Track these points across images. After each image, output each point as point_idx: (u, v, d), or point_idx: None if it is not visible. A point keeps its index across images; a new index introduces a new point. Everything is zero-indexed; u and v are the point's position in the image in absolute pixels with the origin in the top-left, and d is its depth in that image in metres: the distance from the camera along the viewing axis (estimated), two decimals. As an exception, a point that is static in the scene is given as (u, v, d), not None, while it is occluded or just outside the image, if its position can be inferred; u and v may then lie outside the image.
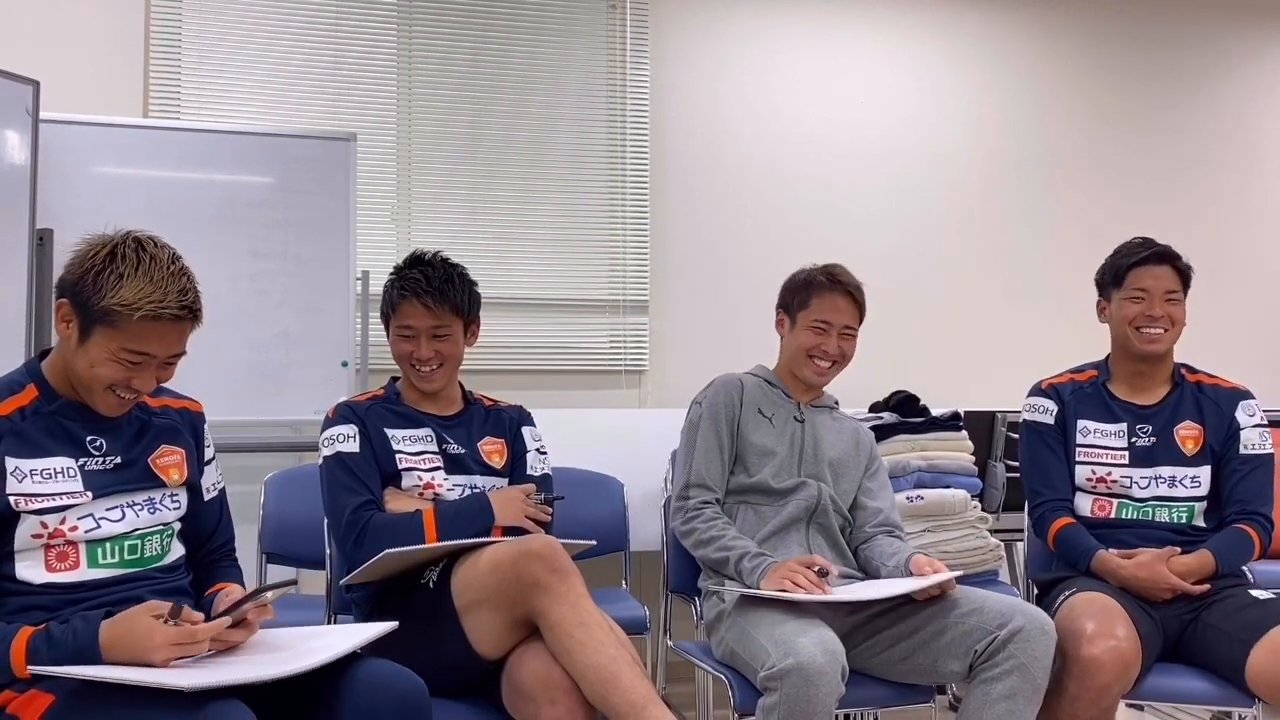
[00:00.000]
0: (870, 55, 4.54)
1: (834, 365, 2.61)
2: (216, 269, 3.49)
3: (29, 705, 1.64)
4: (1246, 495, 2.52)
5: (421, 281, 2.35)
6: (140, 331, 1.75)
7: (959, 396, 3.75)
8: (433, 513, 2.26)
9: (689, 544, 2.52)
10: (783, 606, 2.24)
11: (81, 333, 1.77)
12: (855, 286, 2.61)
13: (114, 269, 1.74)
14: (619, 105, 4.23)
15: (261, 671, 1.62)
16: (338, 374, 3.62)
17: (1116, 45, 4.85)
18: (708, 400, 2.61)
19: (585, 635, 1.92)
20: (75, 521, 1.77)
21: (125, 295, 1.72)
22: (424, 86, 4.06)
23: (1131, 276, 2.59)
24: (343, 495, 2.28)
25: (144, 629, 1.64)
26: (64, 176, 3.33)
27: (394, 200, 4.01)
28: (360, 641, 1.80)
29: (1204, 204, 4.91)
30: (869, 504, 2.61)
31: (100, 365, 1.77)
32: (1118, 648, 2.22)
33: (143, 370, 1.79)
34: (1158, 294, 2.56)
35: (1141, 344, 2.58)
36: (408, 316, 2.36)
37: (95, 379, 1.78)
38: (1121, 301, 2.61)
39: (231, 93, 3.83)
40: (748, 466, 2.56)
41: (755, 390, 2.64)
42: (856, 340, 2.63)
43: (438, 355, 2.37)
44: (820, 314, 2.58)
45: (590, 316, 4.20)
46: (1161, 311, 2.55)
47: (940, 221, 4.58)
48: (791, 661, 2.06)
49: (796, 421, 2.61)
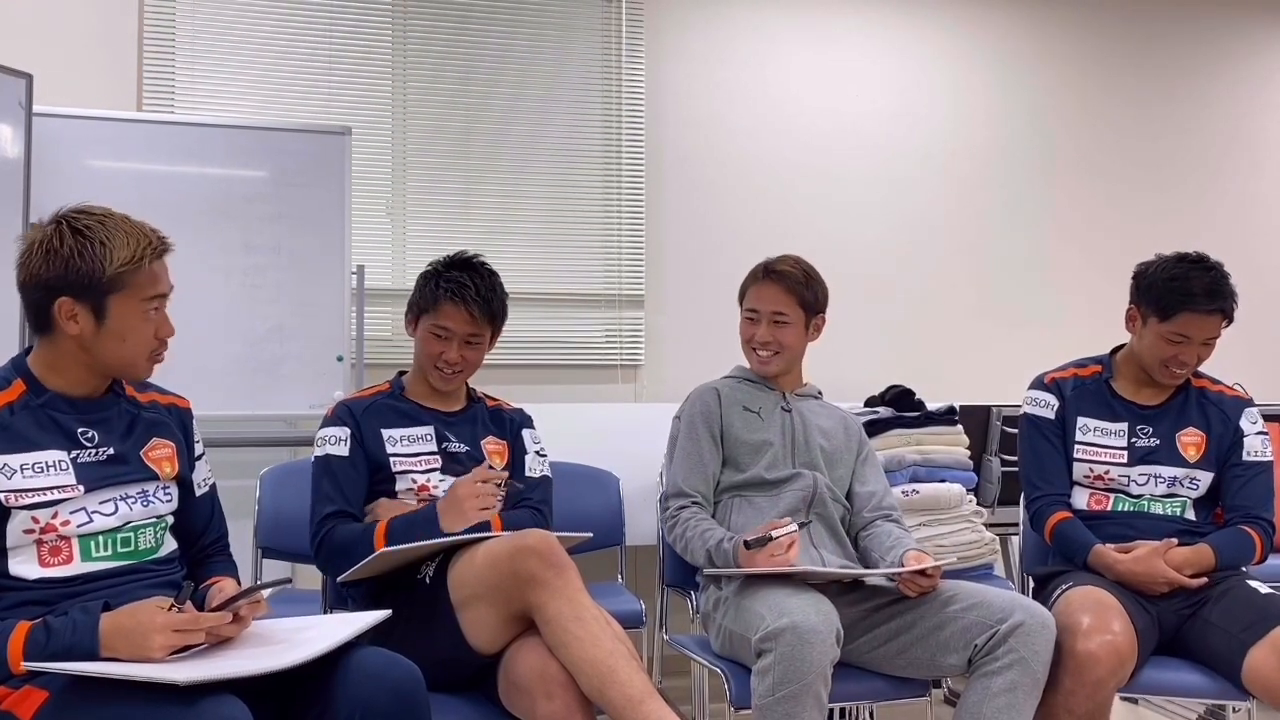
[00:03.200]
0: (866, 48, 4.54)
1: (774, 354, 2.61)
2: (211, 263, 3.49)
3: (24, 701, 1.63)
4: (1249, 500, 2.53)
5: (470, 289, 2.34)
6: (148, 277, 1.80)
7: (954, 391, 3.75)
8: (384, 527, 2.23)
9: (679, 550, 2.53)
10: (778, 581, 2.25)
11: (96, 315, 1.77)
12: (786, 273, 2.59)
13: (88, 243, 1.75)
14: (614, 99, 4.23)
15: (256, 665, 1.61)
16: (332, 368, 3.62)
17: (1113, 40, 4.85)
18: (685, 412, 2.63)
19: (582, 630, 1.92)
20: (67, 516, 1.76)
21: (121, 255, 1.75)
22: (419, 80, 4.05)
23: (1181, 319, 2.47)
24: (318, 501, 2.32)
25: (147, 614, 1.64)
26: (57, 170, 3.32)
27: (389, 194, 4.00)
28: (354, 631, 1.79)
29: (1201, 196, 4.92)
30: (862, 489, 2.61)
31: (132, 333, 1.79)
32: (1113, 642, 2.22)
33: (161, 314, 1.84)
34: (1198, 340, 2.50)
35: (1163, 378, 2.56)
36: (447, 318, 2.36)
37: (134, 351, 1.81)
38: (1160, 332, 2.50)
39: (226, 86, 3.82)
40: (739, 463, 2.56)
41: (735, 391, 2.65)
42: (799, 327, 2.60)
43: (464, 360, 2.39)
44: (749, 303, 2.63)
45: (586, 311, 4.20)
46: (1195, 359, 2.53)
47: (936, 215, 4.58)
48: (786, 621, 2.08)
49: (784, 411, 2.62)
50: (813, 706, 2.06)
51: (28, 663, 1.61)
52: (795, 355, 2.65)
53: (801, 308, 2.60)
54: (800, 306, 2.60)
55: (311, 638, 1.74)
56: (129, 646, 1.63)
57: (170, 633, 1.63)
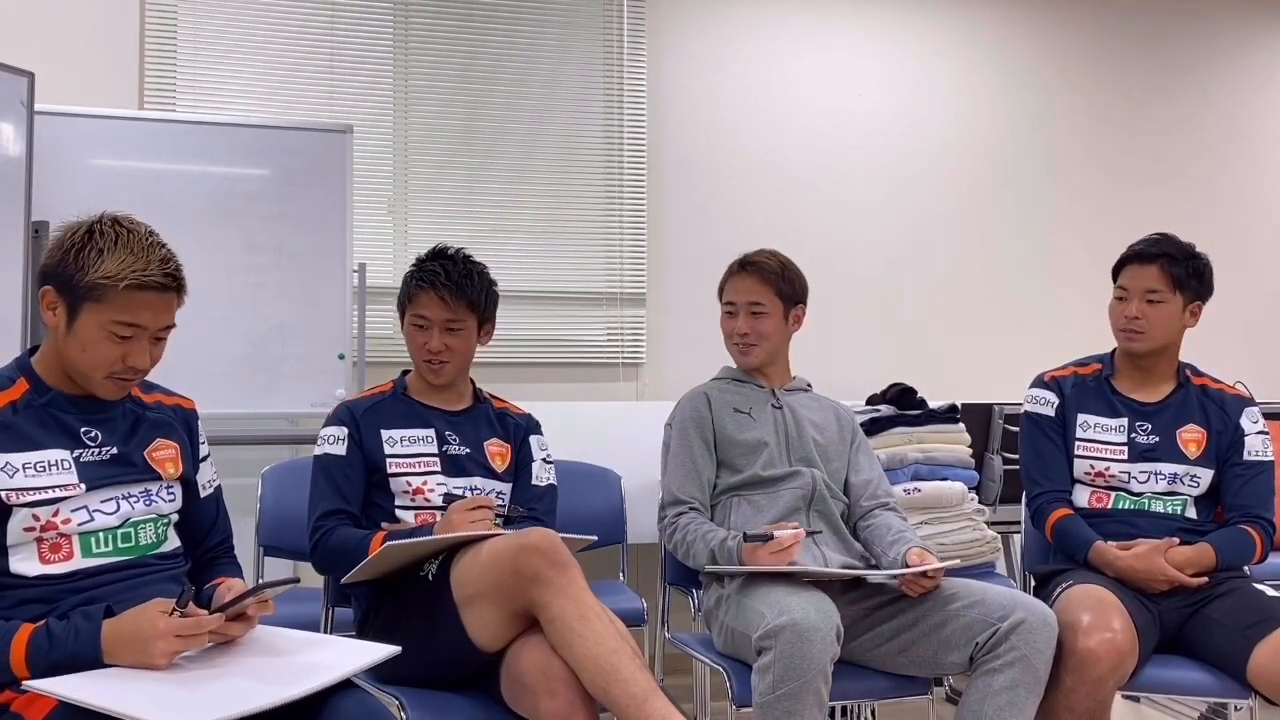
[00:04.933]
0: (867, 48, 4.54)
1: (754, 346, 2.62)
2: (212, 262, 3.49)
3: (32, 705, 1.61)
4: (1249, 500, 2.53)
5: (440, 274, 2.37)
6: (127, 302, 1.74)
7: (956, 389, 3.75)
8: (382, 537, 2.22)
9: (680, 556, 2.51)
10: (780, 579, 2.25)
11: (69, 315, 1.76)
12: (761, 264, 2.61)
13: (93, 245, 1.74)
14: (616, 97, 4.23)
15: (257, 700, 1.54)
16: (334, 367, 3.62)
17: (1115, 39, 4.85)
18: (675, 419, 2.63)
19: (585, 628, 1.92)
20: (68, 514, 1.76)
21: (108, 268, 1.72)
22: (421, 78, 4.05)
23: (1123, 274, 2.60)
24: (316, 500, 2.33)
25: (149, 620, 1.63)
26: (59, 169, 3.32)
27: (390, 192, 4.00)
28: (361, 666, 1.72)
29: (1203, 194, 4.92)
30: (857, 479, 2.62)
31: (92, 345, 1.75)
32: (1113, 640, 2.22)
33: (135, 345, 1.77)
34: (1137, 294, 2.55)
35: (1120, 342, 2.60)
36: (423, 307, 2.39)
37: (91, 363, 1.76)
38: (1113, 299, 2.62)
39: (227, 85, 3.82)
40: (735, 464, 2.55)
41: (724, 393, 2.65)
42: (778, 318, 2.61)
43: (449, 349, 2.39)
44: (727, 296, 2.66)
45: (587, 309, 4.20)
46: (1138, 312, 2.54)
47: (938, 214, 4.58)
48: (786, 619, 2.08)
49: (775, 408, 2.62)
50: (813, 704, 2.07)
51: (31, 681, 1.59)
52: (776, 346, 2.65)
53: (779, 298, 2.61)
54: (778, 296, 2.61)
55: (315, 663, 1.69)
56: (132, 653, 1.62)
57: (173, 638, 1.62)
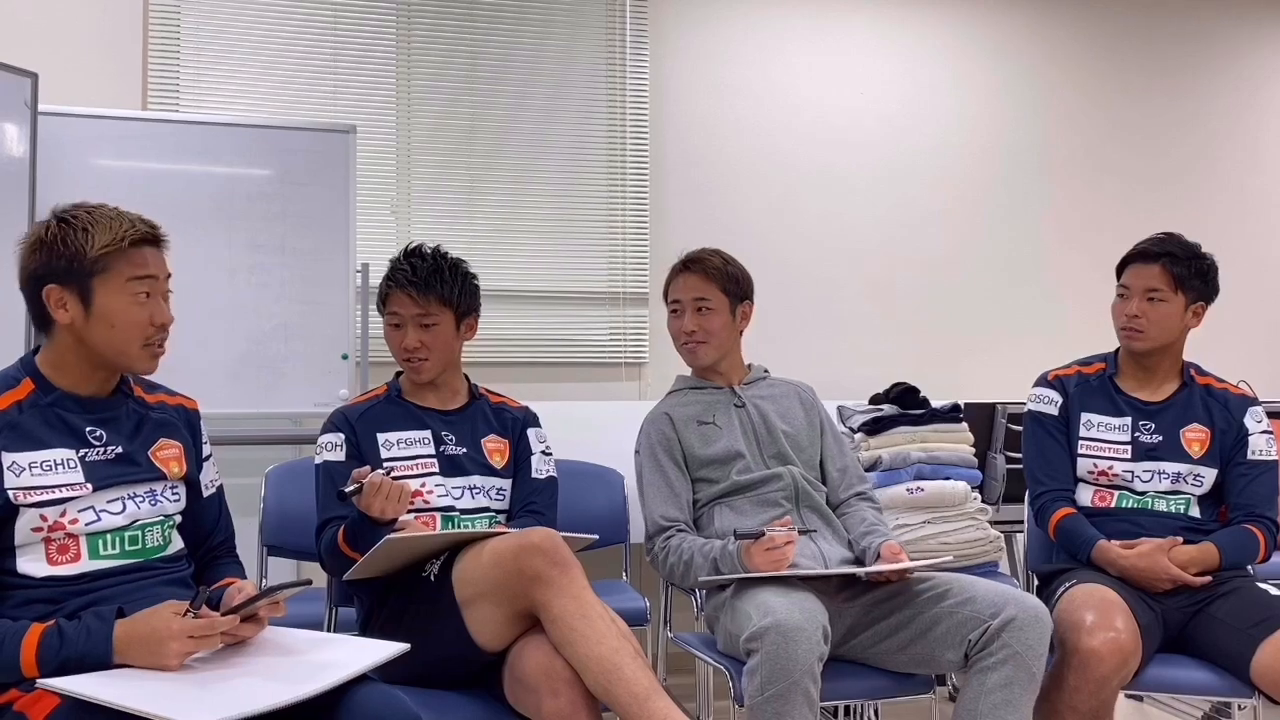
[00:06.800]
0: (869, 47, 4.54)
1: (703, 344, 2.61)
2: (215, 261, 3.49)
3: (36, 704, 1.62)
4: (1252, 499, 2.54)
5: (408, 272, 2.38)
6: (133, 259, 1.80)
7: (959, 388, 3.75)
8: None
9: (678, 577, 2.48)
10: (772, 581, 2.25)
11: (83, 301, 1.77)
12: (704, 260, 2.61)
13: (72, 230, 1.77)
14: (619, 96, 4.23)
15: (272, 697, 1.56)
16: (337, 366, 3.62)
17: (1115, 37, 4.84)
18: (642, 445, 2.62)
19: (587, 627, 1.92)
20: (75, 514, 1.76)
21: (101, 238, 1.77)
22: (423, 78, 4.05)
23: (1125, 273, 2.61)
24: (322, 508, 2.34)
25: (162, 621, 1.64)
26: (63, 169, 3.32)
27: (394, 192, 4.00)
28: (373, 663, 1.73)
29: (1203, 193, 4.91)
30: (833, 470, 2.63)
31: (119, 315, 1.78)
32: (1116, 639, 2.22)
33: (155, 302, 1.83)
34: (1138, 292, 2.55)
35: (1121, 340, 2.61)
36: (395, 304, 2.41)
37: (125, 337, 1.79)
38: (1116, 297, 2.62)
39: (230, 85, 3.82)
40: (711, 477, 2.55)
41: (684, 406, 2.63)
42: (725, 314, 2.60)
43: (425, 345, 2.38)
44: (672, 295, 2.66)
45: (590, 308, 4.20)
46: (1139, 310, 2.54)
47: (940, 212, 4.58)
48: (769, 620, 2.08)
49: (737, 408, 2.62)
50: (802, 704, 2.06)
51: (42, 680, 1.59)
52: (725, 343, 2.64)
53: (724, 294, 2.61)
54: (723, 293, 2.61)
55: (327, 661, 1.70)
56: (144, 654, 1.63)
57: (186, 639, 1.63)
